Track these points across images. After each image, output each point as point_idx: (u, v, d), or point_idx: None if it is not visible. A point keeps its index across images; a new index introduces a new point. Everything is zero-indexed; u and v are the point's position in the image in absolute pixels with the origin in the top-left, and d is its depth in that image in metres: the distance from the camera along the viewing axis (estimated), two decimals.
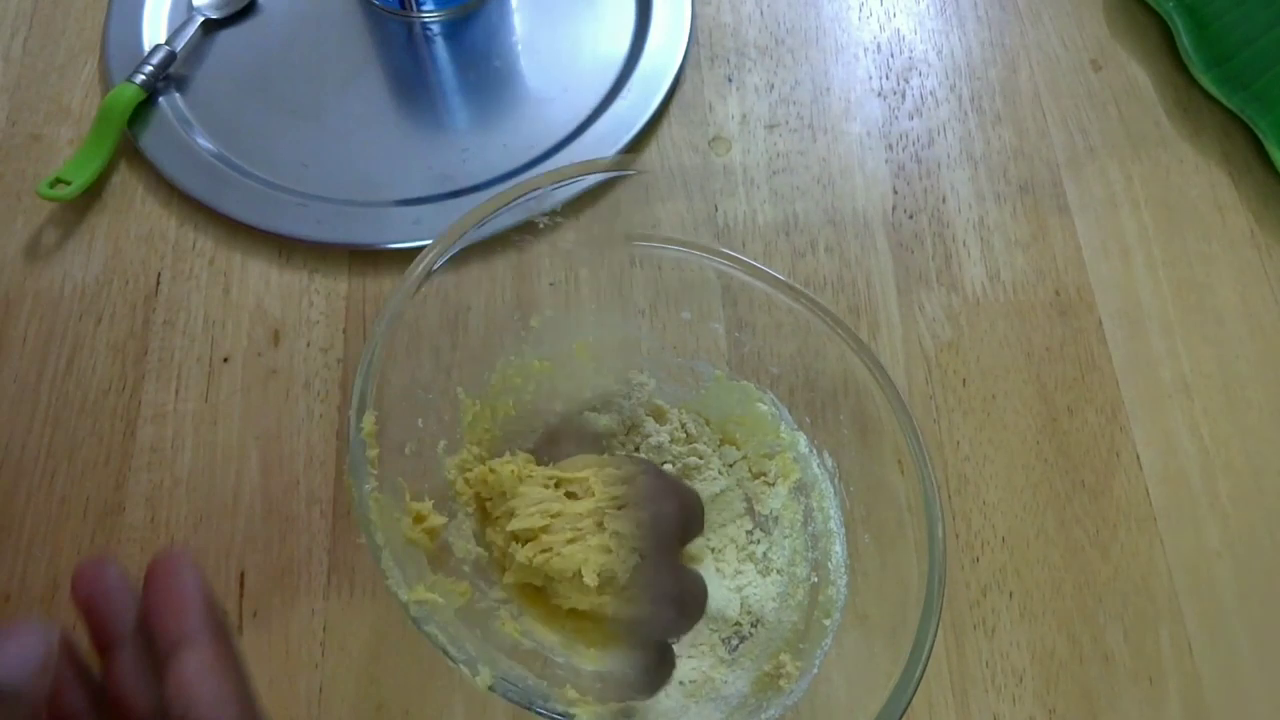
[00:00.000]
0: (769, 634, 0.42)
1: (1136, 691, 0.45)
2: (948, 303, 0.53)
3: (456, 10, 0.62)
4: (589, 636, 0.39)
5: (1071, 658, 0.45)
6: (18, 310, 0.51)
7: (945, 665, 0.45)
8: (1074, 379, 0.52)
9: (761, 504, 0.45)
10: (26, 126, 0.57)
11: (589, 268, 0.44)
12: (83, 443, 0.48)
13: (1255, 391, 0.52)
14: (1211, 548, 0.48)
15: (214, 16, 0.60)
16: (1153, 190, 0.57)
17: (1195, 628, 0.46)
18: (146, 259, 0.53)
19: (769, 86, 0.60)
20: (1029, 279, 0.54)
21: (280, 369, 0.50)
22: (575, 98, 0.59)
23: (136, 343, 0.51)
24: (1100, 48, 0.62)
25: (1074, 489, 0.49)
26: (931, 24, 0.63)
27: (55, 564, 0.45)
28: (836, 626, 0.40)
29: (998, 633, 0.46)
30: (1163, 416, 0.51)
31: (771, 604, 0.43)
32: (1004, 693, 0.45)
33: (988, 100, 0.60)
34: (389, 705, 0.43)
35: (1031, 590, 0.47)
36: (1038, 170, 0.58)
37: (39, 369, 0.50)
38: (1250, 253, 0.56)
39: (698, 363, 0.47)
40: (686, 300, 0.46)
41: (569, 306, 0.45)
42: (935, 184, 0.57)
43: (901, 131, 0.59)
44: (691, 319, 0.47)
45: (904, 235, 0.55)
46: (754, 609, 0.43)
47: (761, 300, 0.43)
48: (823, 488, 0.44)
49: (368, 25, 0.62)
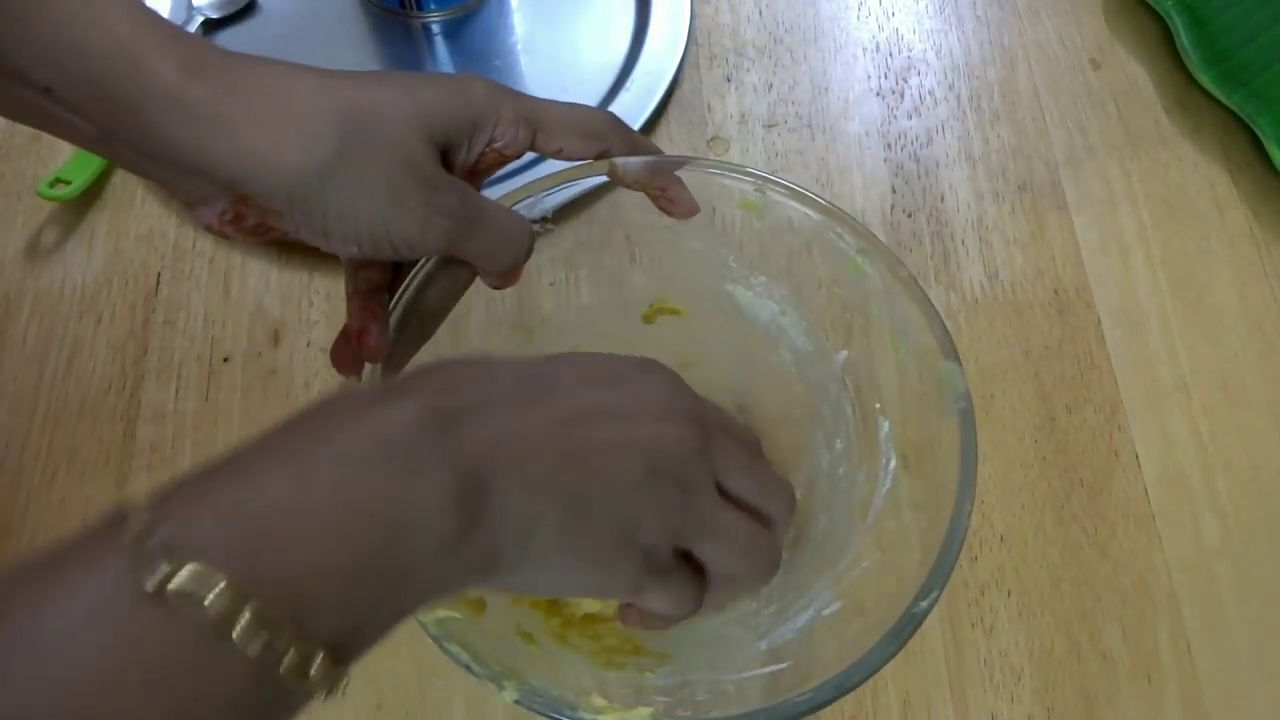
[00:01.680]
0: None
1: (1135, 690, 0.45)
2: (946, 302, 0.53)
3: (456, 10, 0.62)
4: (605, 639, 0.39)
5: (1070, 656, 0.45)
6: (18, 310, 0.52)
7: (943, 664, 0.45)
8: (1073, 378, 0.52)
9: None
10: (26, 126, 0.57)
11: (589, 268, 0.45)
12: (83, 443, 0.48)
13: (1254, 390, 0.52)
14: (1210, 546, 0.48)
15: (214, 16, 0.60)
16: (1152, 188, 0.57)
17: (1194, 626, 0.46)
18: (146, 259, 0.53)
19: (768, 86, 0.60)
20: (1028, 278, 0.54)
21: (280, 369, 0.50)
22: (575, 98, 0.57)
23: (136, 343, 0.51)
24: (1099, 46, 0.62)
25: (1073, 488, 0.49)
26: (930, 23, 0.63)
27: None
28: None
29: (996, 631, 0.46)
30: (1161, 415, 0.51)
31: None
32: (1002, 691, 0.45)
33: (986, 99, 0.60)
34: (389, 705, 0.43)
35: (1030, 589, 0.47)
36: (1036, 169, 0.58)
37: (39, 369, 0.50)
38: (1249, 250, 0.56)
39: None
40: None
41: (569, 308, 0.45)
42: (934, 183, 0.57)
43: (900, 131, 0.59)
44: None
45: (902, 234, 0.55)
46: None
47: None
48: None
49: (368, 25, 0.62)
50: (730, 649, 0.39)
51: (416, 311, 0.36)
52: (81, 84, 0.27)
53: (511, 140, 0.33)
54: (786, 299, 0.43)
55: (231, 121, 0.27)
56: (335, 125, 0.28)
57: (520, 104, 0.33)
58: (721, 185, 0.40)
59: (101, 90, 0.27)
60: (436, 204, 0.31)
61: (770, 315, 0.44)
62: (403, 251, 0.32)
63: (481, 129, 0.32)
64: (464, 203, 0.32)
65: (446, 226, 0.31)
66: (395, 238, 0.31)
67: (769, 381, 0.47)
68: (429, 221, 0.31)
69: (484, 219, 0.33)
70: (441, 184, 0.31)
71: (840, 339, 0.42)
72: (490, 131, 0.33)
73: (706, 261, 0.43)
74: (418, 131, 0.30)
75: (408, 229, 0.30)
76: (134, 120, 0.27)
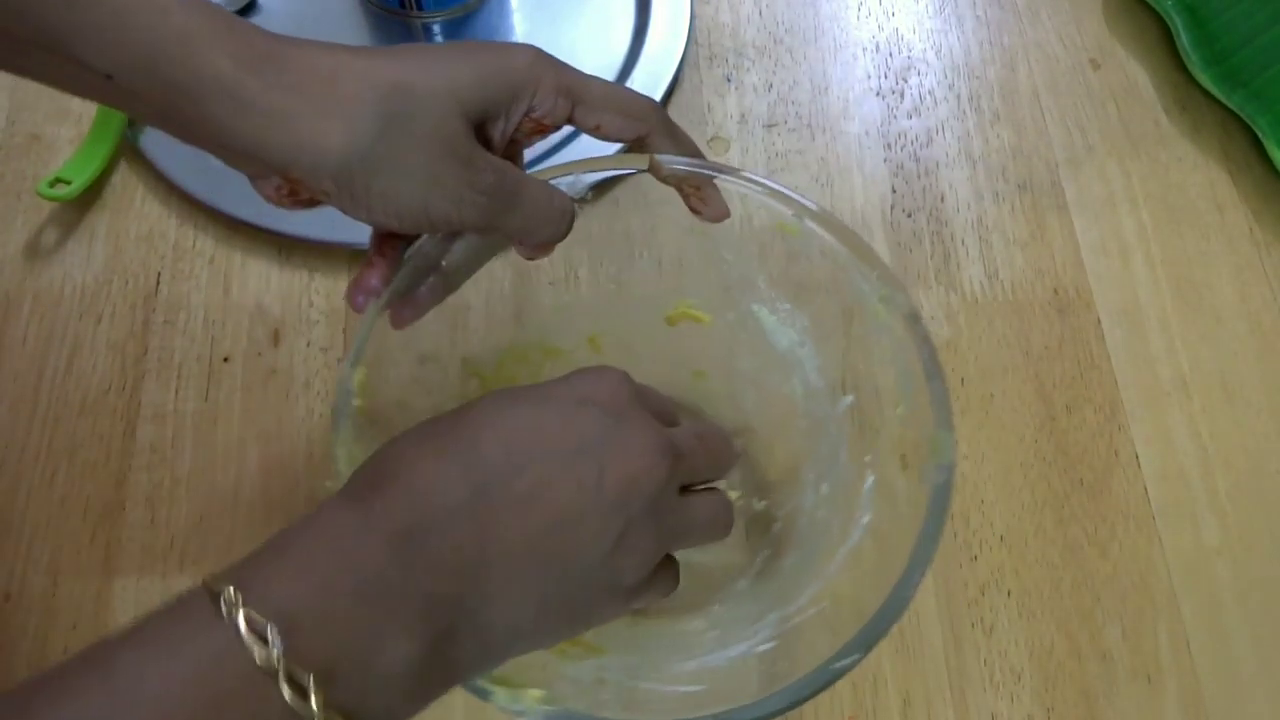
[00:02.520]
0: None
1: (1135, 690, 0.45)
2: (946, 302, 0.53)
3: (456, 10, 0.62)
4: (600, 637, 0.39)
5: (1070, 656, 0.45)
6: (18, 310, 0.52)
7: (943, 664, 0.45)
8: (1072, 378, 0.52)
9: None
10: (26, 126, 0.57)
11: (588, 267, 0.45)
12: (83, 443, 0.48)
13: (1254, 389, 0.52)
14: (1210, 546, 0.48)
15: None
16: (1151, 188, 0.57)
17: (1193, 626, 0.46)
18: (146, 259, 0.53)
19: (767, 86, 0.60)
20: (1027, 278, 0.54)
21: (280, 369, 0.50)
22: None
23: (136, 343, 0.51)
24: (1099, 46, 0.62)
25: (1072, 487, 0.49)
26: (930, 23, 0.63)
27: (55, 564, 0.46)
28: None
29: (996, 631, 0.46)
30: (1161, 415, 0.51)
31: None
32: (1002, 691, 0.45)
33: (986, 99, 0.60)
34: None
35: (1030, 589, 0.47)
36: (1036, 169, 0.58)
37: (39, 369, 0.50)
38: (1249, 250, 0.56)
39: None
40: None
41: (568, 307, 0.45)
42: (934, 183, 0.57)
43: (900, 130, 0.59)
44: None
45: (902, 234, 0.55)
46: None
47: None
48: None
49: (368, 25, 0.62)
50: (659, 660, 0.40)
51: (440, 267, 0.36)
52: (141, 72, 0.28)
53: (550, 110, 0.33)
54: (806, 330, 0.43)
55: (281, 112, 0.29)
56: (375, 109, 0.29)
57: (564, 75, 0.34)
58: (762, 204, 0.39)
59: (160, 79, 0.28)
60: (472, 182, 0.31)
61: (790, 344, 0.43)
62: (441, 227, 0.32)
63: (520, 98, 0.33)
64: (501, 180, 0.32)
65: (483, 204, 0.32)
66: (434, 214, 0.31)
67: (777, 410, 0.46)
68: (465, 199, 0.31)
69: (522, 196, 0.33)
70: (479, 161, 0.32)
71: (850, 382, 0.42)
72: (529, 101, 0.33)
73: (737, 275, 0.43)
74: (454, 109, 0.31)
75: (445, 207, 0.31)
76: (191, 108, 0.28)
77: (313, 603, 0.24)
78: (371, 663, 0.25)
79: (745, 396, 0.47)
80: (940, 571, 0.47)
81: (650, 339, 0.46)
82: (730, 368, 0.47)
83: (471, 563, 0.27)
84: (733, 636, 0.38)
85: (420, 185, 0.30)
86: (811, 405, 0.44)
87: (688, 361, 0.47)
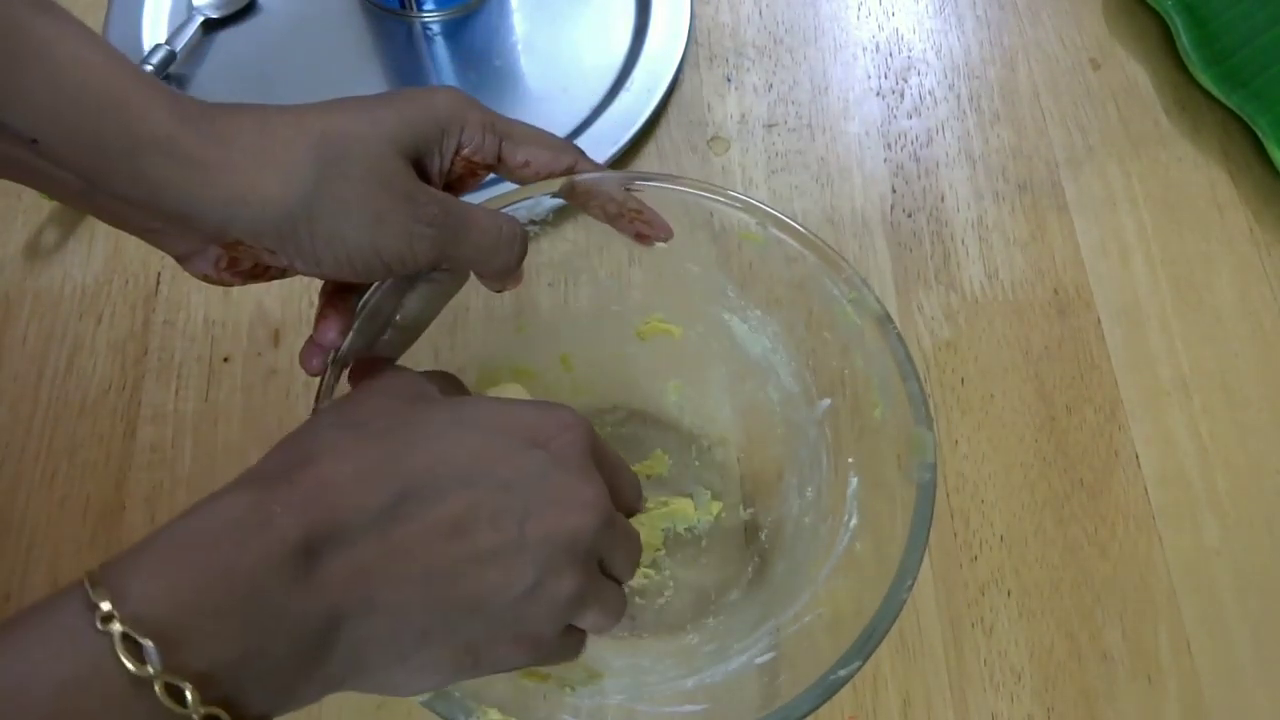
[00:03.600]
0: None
1: (1135, 690, 0.45)
2: (946, 302, 0.53)
3: (456, 10, 0.62)
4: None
5: (1070, 656, 0.45)
6: (18, 310, 0.52)
7: (943, 664, 0.45)
8: (1072, 378, 0.52)
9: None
10: None
11: (556, 288, 0.45)
12: (83, 443, 0.48)
13: (1254, 389, 0.52)
14: (1210, 546, 0.48)
15: (214, 16, 0.60)
16: (1151, 189, 0.57)
17: (1193, 626, 0.46)
18: (146, 259, 0.53)
19: (767, 86, 0.60)
20: (1028, 278, 0.54)
21: (280, 369, 0.50)
22: (575, 97, 0.59)
23: (136, 343, 0.51)
24: (1099, 46, 0.62)
25: (1072, 488, 0.49)
26: (930, 23, 0.63)
27: (55, 564, 0.46)
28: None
29: (996, 631, 0.46)
30: (1161, 415, 0.51)
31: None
32: (1002, 691, 0.45)
33: (986, 99, 0.60)
34: (390, 704, 0.43)
35: (1030, 589, 0.47)
36: (1036, 169, 0.58)
37: (39, 369, 0.50)
38: (1249, 250, 0.56)
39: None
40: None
41: (566, 310, 0.45)
42: (934, 183, 0.57)
43: (900, 131, 0.59)
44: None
45: (902, 234, 0.55)
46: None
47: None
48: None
49: (368, 25, 0.62)
50: (658, 681, 0.39)
51: (394, 321, 0.35)
52: (73, 133, 0.27)
53: (479, 146, 0.34)
54: (779, 336, 0.43)
55: (219, 164, 0.28)
56: (310, 155, 0.29)
57: (488, 113, 0.34)
58: (721, 213, 0.39)
59: (93, 139, 0.27)
60: (417, 215, 0.31)
61: (762, 351, 0.44)
62: (396, 268, 0.32)
63: (449, 133, 0.33)
64: (446, 210, 0.32)
65: (432, 236, 0.32)
66: (385, 254, 0.31)
67: (754, 418, 0.47)
68: (414, 234, 0.31)
69: (469, 224, 0.33)
70: (420, 195, 0.32)
71: (825, 386, 0.42)
72: (458, 136, 0.33)
73: (704, 286, 0.43)
74: (387, 149, 0.31)
75: (395, 244, 0.31)
76: (126, 168, 0.28)
77: (188, 619, 0.23)
78: (249, 666, 0.24)
79: (721, 406, 0.47)
80: (940, 571, 0.47)
81: (622, 355, 0.46)
82: (704, 378, 0.47)
83: (365, 588, 0.26)
84: (730, 649, 0.38)
85: (365, 225, 0.30)
86: (789, 411, 0.44)
87: (661, 374, 0.47)
